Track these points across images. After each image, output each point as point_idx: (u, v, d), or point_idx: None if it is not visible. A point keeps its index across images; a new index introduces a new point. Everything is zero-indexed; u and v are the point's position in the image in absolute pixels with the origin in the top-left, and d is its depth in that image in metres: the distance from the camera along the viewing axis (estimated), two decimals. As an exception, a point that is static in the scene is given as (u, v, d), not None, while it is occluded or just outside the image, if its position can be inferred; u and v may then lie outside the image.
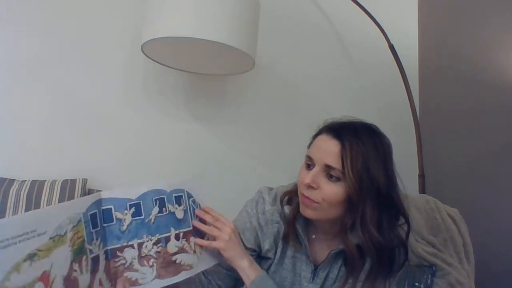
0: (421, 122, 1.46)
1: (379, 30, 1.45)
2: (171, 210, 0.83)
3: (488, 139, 1.26)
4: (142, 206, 0.81)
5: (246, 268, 0.83)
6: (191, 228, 0.85)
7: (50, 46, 1.27)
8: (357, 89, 1.57)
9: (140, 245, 0.79)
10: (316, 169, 0.76)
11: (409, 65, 1.59)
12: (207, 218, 0.85)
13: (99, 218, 0.77)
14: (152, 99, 1.33)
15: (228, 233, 0.84)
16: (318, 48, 1.53)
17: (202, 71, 1.30)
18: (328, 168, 0.75)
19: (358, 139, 0.76)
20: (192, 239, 0.84)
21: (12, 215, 1.09)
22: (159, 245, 0.81)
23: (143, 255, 0.79)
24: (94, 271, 0.72)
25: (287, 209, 0.85)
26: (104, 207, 0.78)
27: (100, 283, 0.74)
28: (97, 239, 0.75)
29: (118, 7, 1.33)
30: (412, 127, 1.42)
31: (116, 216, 0.79)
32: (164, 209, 0.82)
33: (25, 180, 1.14)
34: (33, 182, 1.13)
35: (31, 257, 0.60)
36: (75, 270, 0.67)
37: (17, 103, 1.23)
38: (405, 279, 0.99)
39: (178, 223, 0.83)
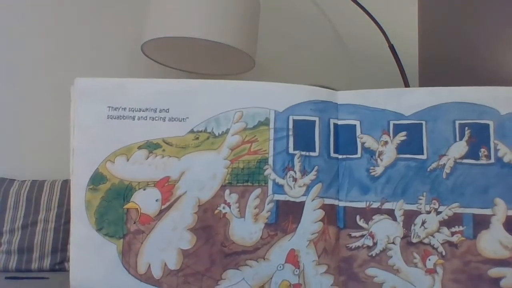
0: (421, 122, 1.46)
1: (379, 30, 1.44)
2: (506, 158, 0.39)
3: (488, 139, 1.25)
4: (424, 133, 0.41)
5: None
6: None
7: (50, 46, 1.27)
8: (357, 88, 1.56)
9: (409, 217, 0.40)
10: None
11: (409, 65, 1.59)
12: None
13: (323, 137, 0.41)
14: (152, 99, 1.33)
15: None
16: (318, 48, 1.53)
17: (202, 71, 1.30)
18: None
19: None
20: None
21: (12, 215, 1.09)
22: (455, 228, 0.39)
23: (413, 240, 0.40)
24: (276, 227, 0.40)
25: None
26: (340, 121, 0.42)
27: (294, 260, 0.40)
28: (303, 172, 0.41)
29: (118, 7, 1.33)
30: (412, 127, 1.42)
31: (364, 144, 0.41)
32: (483, 150, 0.40)
33: (25, 180, 1.14)
34: (33, 182, 1.13)
35: (150, 147, 0.42)
36: (227, 204, 0.41)
37: (17, 103, 1.23)
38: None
39: None
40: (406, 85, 1.42)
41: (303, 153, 0.41)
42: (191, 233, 0.41)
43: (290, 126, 0.41)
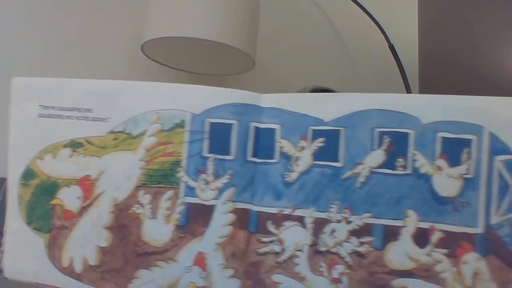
0: (421, 122, 1.47)
1: (379, 30, 1.45)
2: (422, 170, 0.38)
3: (488, 139, 1.26)
4: (342, 140, 0.39)
5: None
6: (478, 231, 0.36)
7: (50, 46, 1.27)
8: (357, 89, 1.57)
9: (319, 225, 0.39)
10: None
11: (409, 65, 1.60)
12: None
13: (240, 140, 0.41)
14: (152, 99, 1.33)
15: None
16: (318, 48, 1.53)
17: (202, 71, 1.30)
18: None
19: None
20: (471, 257, 0.36)
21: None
22: (364, 238, 0.39)
23: (321, 249, 0.39)
24: (186, 229, 0.41)
25: None
26: (262, 125, 0.42)
27: (201, 263, 0.40)
28: (216, 176, 0.41)
29: (118, 7, 1.33)
30: (412, 127, 1.42)
31: (281, 148, 0.41)
32: (400, 160, 0.39)
33: (25, 180, 1.14)
34: (33, 182, 1.13)
35: (74, 146, 0.44)
36: (140, 204, 0.42)
37: (17, 103, 1.23)
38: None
39: (436, 205, 0.37)
40: (406, 85, 1.42)
41: (218, 156, 0.41)
42: (108, 232, 0.43)
43: (206, 129, 0.42)
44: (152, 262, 0.41)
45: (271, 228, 0.40)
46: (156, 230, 0.42)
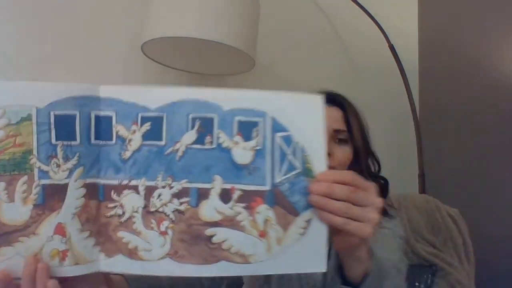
0: (421, 122, 1.46)
1: (379, 30, 1.45)
2: (224, 144, 0.50)
3: (489, 139, 1.26)
4: (164, 124, 0.50)
5: (364, 255, 0.53)
6: (266, 188, 0.49)
7: (49, 46, 1.27)
8: (357, 88, 1.56)
9: (149, 191, 0.50)
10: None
11: (409, 65, 1.59)
12: (336, 191, 0.47)
13: (83, 128, 0.49)
14: (152, 99, 1.33)
15: (379, 209, 0.49)
16: (318, 48, 1.53)
17: (202, 71, 1.30)
18: (336, 133, 0.80)
19: (348, 101, 0.86)
20: (262, 208, 0.49)
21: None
22: (183, 199, 0.50)
23: (151, 209, 0.50)
24: (44, 207, 0.48)
25: None
26: (101, 113, 0.50)
27: (61, 231, 0.49)
28: (66, 159, 0.49)
29: (118, 6, 1.33)
30: (412, 127, 1.42)
31: (117, 132, 0.50)
32: (208, 138, 0.50)
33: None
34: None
35: None
36: None
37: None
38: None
39: (235, 170, 0.50)
40: (406, 85, 1.42)
41: (65, 142, 0.49)
42: None
43: (52, 120, 0.48)
44: (15, 239, 0.48)
45: (114, 196, 0.50)
46: (15, 212, 0.48)
